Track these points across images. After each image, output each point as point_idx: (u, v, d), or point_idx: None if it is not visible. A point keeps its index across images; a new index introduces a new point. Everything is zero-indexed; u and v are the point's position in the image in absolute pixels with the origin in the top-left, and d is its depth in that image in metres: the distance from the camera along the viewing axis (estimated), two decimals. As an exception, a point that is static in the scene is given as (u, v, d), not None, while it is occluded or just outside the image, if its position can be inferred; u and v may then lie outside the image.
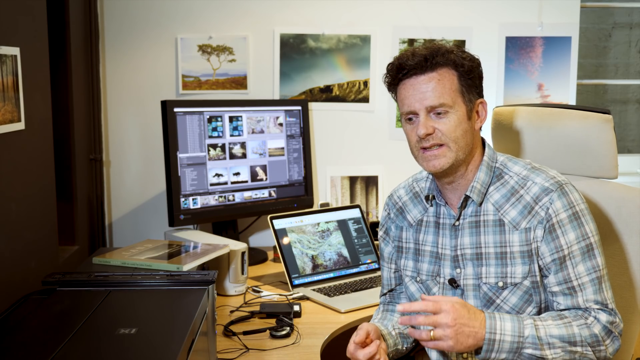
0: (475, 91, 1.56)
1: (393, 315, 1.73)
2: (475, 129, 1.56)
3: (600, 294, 1.49)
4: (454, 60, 1.51)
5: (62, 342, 1.22)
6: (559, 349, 1.43)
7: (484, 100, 1.58)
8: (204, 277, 1.58)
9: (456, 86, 1.52)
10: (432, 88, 1.50)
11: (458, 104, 1.51)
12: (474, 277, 1.56)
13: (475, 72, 1.54)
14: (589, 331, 1.45)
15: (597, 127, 1.72)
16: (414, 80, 1.52)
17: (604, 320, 1.46)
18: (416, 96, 1.51)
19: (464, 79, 1.52)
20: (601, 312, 1.47)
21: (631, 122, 3.23)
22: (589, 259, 1.49)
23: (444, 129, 1.50)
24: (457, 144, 1.51)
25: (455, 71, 1.52)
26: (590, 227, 1.51)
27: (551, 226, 1.49)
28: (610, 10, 3.11)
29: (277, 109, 2.62)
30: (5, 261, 1.67)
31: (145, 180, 2.71)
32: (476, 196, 1.56)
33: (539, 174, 1.54)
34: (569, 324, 1.45)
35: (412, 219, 1.69)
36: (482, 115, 1.58)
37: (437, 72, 1.51)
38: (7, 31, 1.69)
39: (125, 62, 2.66)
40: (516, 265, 1.52)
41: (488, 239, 1.55)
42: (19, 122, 1.73)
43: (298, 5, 2.71)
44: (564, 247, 1.49)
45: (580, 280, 1.48)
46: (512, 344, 1.42)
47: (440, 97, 1.50)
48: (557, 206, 1.49)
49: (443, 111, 1.50)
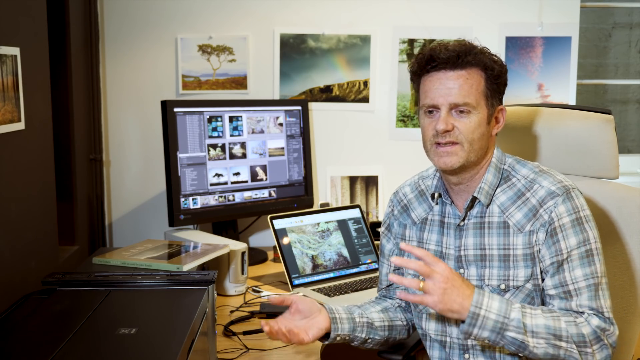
0: (498, 97, 1.55)
1: (374, 306, 1.70)
2: (492, 134, 1.56)
3: (596, 301, 1.47)
4: (484, 62, 1.51)
5: (62, 342, 1.22)
6: (542, 340, 1.41)
7: (504, 107, 1.58)
8: (204, 277, 1.58)
9: (482, 88, 1.51)
10: (459, 86, 1.49)
11: (481, 106, 1.51)
12: (477, 279, 1.55)
13: (502, 77, 1.54)
14: (577, 329, 1.43)
15: (598, 127, 1.72)
16: (442, 74, 1.51)
17: (595, 324, 1.44)
18: (441, 91, 1.50)
19: (491, 82, 1.52)
20: (594, 316, 1.46)
21: (631, 122, 3.23)
22: (588, 265, 1.48)
23: (463, 129, 1.49)
24: (472, 146, 1.51)
25: (484, 73, 1.51)
26: (593, 233, 1.50)
27: (553, 230, 1.49)
28: (610, 10, 3.11)
29: (277, 109, 2.62)
30: (5, 261, 1.67)
31: (145, 180, 2.71)
32: (484, 198, 1.55)
33: (546, 178, 1.54)
34: (557, 318, 1.44)
35: (416, 217, 1.68)
36: (501, 122, 1.58)
37: (467, 71, 1.50)
38: (7, 31, 1.69)
39: (125, 62, 2.66)
40: (519, 269, 1.52)
41: (492, 240, 1.55)
42: (19, 122, 1.73)
43: (298, 5, 2.71)
44: (563, 251, 1.48)
45: (577, 285, 1.47)
46: (496, 322, 1.41)
47: (465, 96, 1.49)
48: (561, 210, 1.49)
49: (466, 110, 1.49)
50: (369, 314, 1.65)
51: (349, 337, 1.61)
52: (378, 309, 1.69)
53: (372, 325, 1.64)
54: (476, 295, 1.42)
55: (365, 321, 1.63)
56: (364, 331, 1.62)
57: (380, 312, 1.68)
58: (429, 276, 1.41)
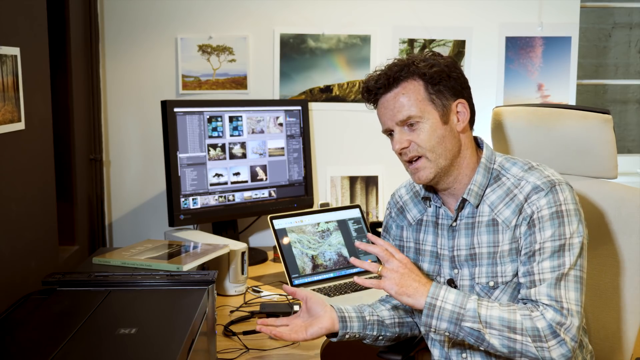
0: (449, 93, 1.54)
1: (384, 304, 1.72)
2: (457, 131, 1.55)
3: (556, 290, 1.44)
4: (415, 71, 1.52)
5: (62, 342, 1.22)
6: (496, 331, 1.42)
7: (463, 100, 1.55)
8: (204, 277, 1.58)
9: (423, 95, 1.52)
10: (399, 103, 1.53)
11: (428, 112, 1.52)
12: (469, 278, 1.57)
13: (443, 75, 1.52)
14: (531, 323, 1.42)
15: (597, 127, 1.72)
16: (382, 99, 1.56)
17: (549, 317, 1.42)
18: (387, 114, 1.56)
19: (431, 86, 1.52)
20: (549, 308, 1.43)
21: (631, 122, 3.23)
22: (557, 258, 1.46)
23: (418, 140, 1.53)
24: (435, 152, 1.53)
25: (421, 80, 1.52)
26: (572, 228, 1.47)
27: (532, 221, 1.49)
28: (610, 10, 3.11)
29: (277, 109, 2.62)
30: (5, 261, 1.67)
31: (145, 180, 2.71)
32: (473, 199, 1.56)
33: (533, 173, 1.54)
34: (512, 311, 1.44)
35: (412, 218, 1.70)
36: (464, 116, 1.56)
37: (401, 87, 1.53)
38: (7, 31, 1.69)
39: (125, 62, 2.66)
40: (506, 264, 1.53)
41: (482, 239, 1.56)
42: (19, 122, 1.73)
43: (298, 5, 2.71)
44: (537, 241, 1.48)
45: (542, 275, 1.46)
46: (452, 313, 1.44)
47: (407, 110, 1.52)
48: (542, 203, 1.49)
49: (414, 122, 1.52)
50: (379, 312, 1.68)
51: (360, 335, 1.64)
52: (388, 307, 1.72)
53: (383, 323, 1.67)
54: (433, 287, 1.46)
55: (376, 319, 1.66)
56: (375, 329, 1.65)
57: (390, 310, 1.70)
58: (388, 261, 1.48)
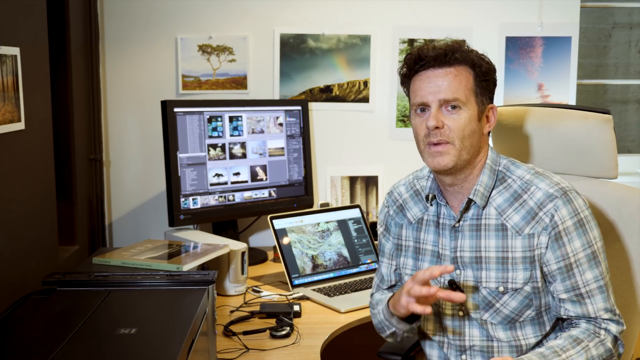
0: (488, 95, 1.56)
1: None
2: (483, 132, 1.57)
3: (609, 301, 1.51)
4: (472, 59, 1.52)
5: (62, 342, 1.22)
6: None
7: (495, 106, 1.59)
8: (204, 277, 1.58)
9: (471, 85, 1.52)
10: (448, 82, 1.50)
11: (471, 102, 1.51)
12: (474, 280, 1.56)
13: (491, 75, 1.56)
14: (604, 347, 1.48)
15: (597, 127, 1.72)
16: (430, 72, 1.52)
17: (614, 331, 1.49)
18: (431, 88, 1.51)
19: (480, 79, 1.53)
20: (611, 322, 1.50)
21: (631, 122, 3.23)
22: (596, 266, 1.50)
23: (453, 126, 1.50)
24: (463, 143, 1.51)
25: (472, 70, 1.52)
26: (595, 233, 1.52)
27: (557, 233, 1.49)
28: (610, 10, 3.11)
29: (277, 109, 2.62)
30: (5, 261, 1.67)
31: (145, 180, 2.71)
32: (480, 200, 1.55)
33: (542, 180, 1.54)
34: (587, 349, 1.46)
35: (412, 216, 1.68)
36: (492, 121, 1.58)
37: (455, 68, 1.51)
38: (7, 31, 1.69)
39: (125, 62, 2.66)
40: (517, 271, 1.52)
41: (489, 243, 1.55)
42: (19, 122, 1.73)
43: (298, 5, 2.71)
44: (570, 254, 1.50)
45: (589, 287, 1.50)
46: None
47: (455, 92, 1.49)
48: (563, 213, 1.49)
49: (457, 105, 1.50)
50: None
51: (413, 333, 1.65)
52: None
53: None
54: None
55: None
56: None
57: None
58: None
